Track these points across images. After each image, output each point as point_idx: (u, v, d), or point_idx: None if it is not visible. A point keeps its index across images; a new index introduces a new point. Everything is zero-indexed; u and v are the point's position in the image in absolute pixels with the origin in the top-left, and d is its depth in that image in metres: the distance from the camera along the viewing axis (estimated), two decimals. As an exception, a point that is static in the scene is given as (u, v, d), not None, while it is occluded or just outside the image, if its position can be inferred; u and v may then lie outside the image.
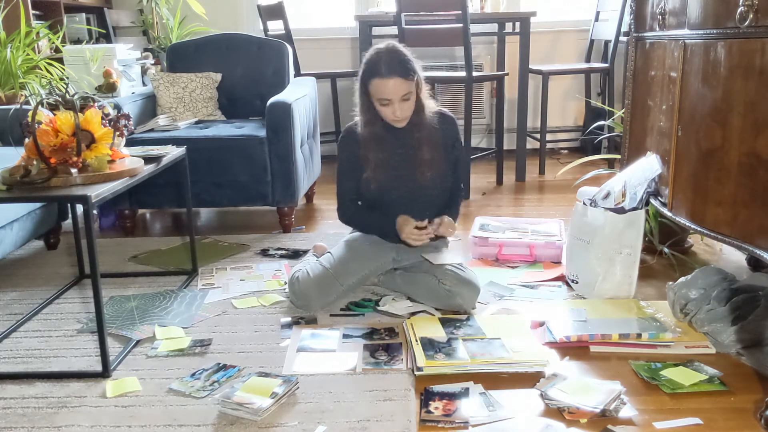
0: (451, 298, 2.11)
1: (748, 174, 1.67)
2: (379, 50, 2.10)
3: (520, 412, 1.59)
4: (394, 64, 2.06)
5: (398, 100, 2.08)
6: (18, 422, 1.60)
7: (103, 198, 1.76)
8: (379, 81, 2.06)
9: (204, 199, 3.03)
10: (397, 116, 2.11)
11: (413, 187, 2.21)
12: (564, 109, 4.81)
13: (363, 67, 2.12)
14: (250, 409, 1.58)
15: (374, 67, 2.07)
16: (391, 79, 2.05)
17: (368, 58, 2.11)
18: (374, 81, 2.07)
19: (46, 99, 2.09)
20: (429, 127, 2.20)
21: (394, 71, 2.05)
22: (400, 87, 2.06)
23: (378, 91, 2.08)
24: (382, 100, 2.09)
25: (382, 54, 2.08)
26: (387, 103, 2.09)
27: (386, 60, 2.06)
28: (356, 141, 2.22)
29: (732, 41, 1.70)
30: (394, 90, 2.06)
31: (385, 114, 2.13)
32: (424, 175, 2.20)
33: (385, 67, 2.05)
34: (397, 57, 2.08)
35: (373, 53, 2.10)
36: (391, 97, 2.07)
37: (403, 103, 2.09)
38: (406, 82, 2.07)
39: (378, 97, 2.10)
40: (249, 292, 2.37)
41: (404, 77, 2.06)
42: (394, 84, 2.05)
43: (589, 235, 2.22)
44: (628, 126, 2.54)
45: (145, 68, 4.03)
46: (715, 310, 1.88)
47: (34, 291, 2.44)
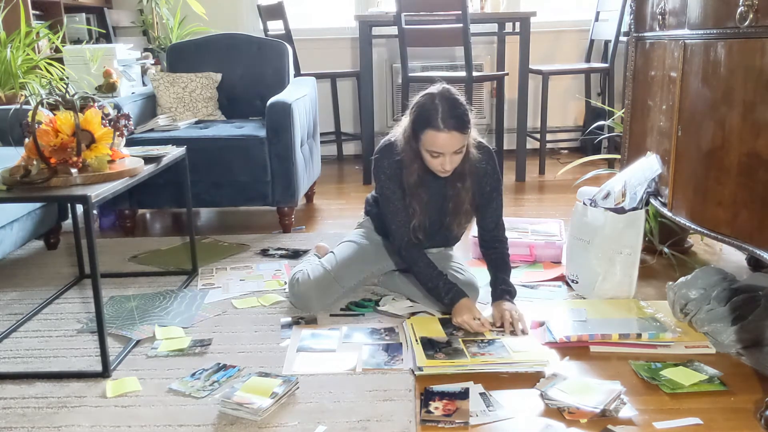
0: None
1: (748, 174, 1.67)
2: (434, 95, 1.92)
3: (520, 412, 1.59)
4: (452, 117, 1.89)
5: (450, 153, 1.94)
6: (18, 422, 1.60)
7: (103, 198, 1.76)
8: (435, 134, 1.89)
9: (204, 199, 3.03)
10: (447, 169, 1.97)
11: (446, 230, 2.16)
12: (564, 109, 4.81)
13: (416, 113, 1.94)
14: (250, 409, 1.58)
15: (430, 116, 1.89)
16: (448, 133, 1.89)
17: (423, 105, 1.93)
18: (429, 132, 1.90)
19: (46, 99, 2.09)
20: (472, 175, 2.06)
21: (451, 125, 1.88)
22: (456, 141, 1.91)
23: (431, 144, 1.92)
24: (433, 152, 1.94)
25: (439, 103, 1.90)
26: (437, 156, 1.94)
27: (444, 111, 1.89)
28: (398, 168, 2.06)
29: (732, 41, 1.70)
30: (450, 144, 1.91)
31: (432, 165, 1.98)
32: (461, 226, 2.14)
33: (443, 121, 1.88)
34: (455, 108, 1.90)
35: (428, 99, 1.93)
36: (445, 151, 1.92)
37: (454, 156, 1.95)
38: (462, 137, 1.92)
39: (429, 149, 1.94)
40: (249, 292, 2.37)
41: (461, 131, 1.91)
42: (450, 138, 1.89)
43: (589, 235, 2.22)
44: (628, 126, 2.54)
45: (145, 68, 4.03)
46: (715, 310, 1.88)
47: (34, 291, 2.44)
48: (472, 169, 2.06)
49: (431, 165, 1.98)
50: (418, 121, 1.93)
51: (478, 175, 2.08)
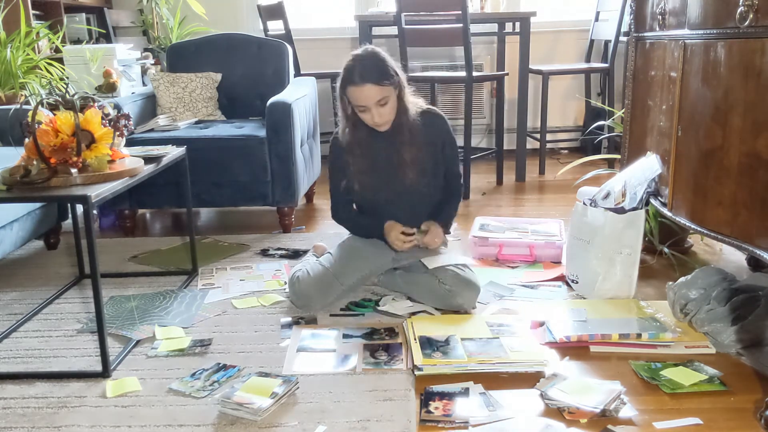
0: (451, 297, 2.10)
1: (748, 174, 1.67)
2: (355, 56, 2.09)
3: (520, 412, 1.59)
4: (367, 71, 2.04)
5: (374, 105, 2.07)
6: (18, 422, 1.60)
7: (103, 198, 1.76)
8: (354, 88, 2.05)
9: (204, 199, 3.03)
10: (376, 121, 2.10)
11: (400, 189, 2.22)
12: (564, 109, 4.81)
13: (341, 75, 2.10)
14: (250, 409, 1.58)
15: (349, 74, 2.06)
16: (364, 86, 2.04)
17: (345, 65, 2.10)
18: (349, 88, 2.07)
19: (46, 99, 2.09)
20: (411, 129, 2.18)
21: (367, 78, 2.03)
22: (375, 93, 2.05)
23: (354, 98, 2.08)
24: (359, 107, 2.09)
25: (357, 60, 2.07)
26: (364, 110, 2.09)
27: (360, 67, 2.05)
28: (341, 147, 2.24)
29: (732, 41, 1.70)
30: (369, 96, 2.05)
31: (365, 119, 2.13)
32: (407, 176, 2.20)
33: (358, 75, 2.04)
34: (371, 63, 2.06)
35: (349, 60, 2.10)
36: (366, 103, 2.06)
37: (380, 108, 2.08)
38: (381, 88, 2.05)
39: (355, 104, 2.10)
40: (249, 292, 2.37)
41: (378, 83, 2.04)
42: (368, 90, 2.04)
43: (589, 235, 2.22)
44: (628, 126, 2.54)
45: (145, 68, 4.03)
46: (715, 310, 1.88)
47: (34, 291, 2.44)
48: (414, 125, 2.18)
49: (364, 120, 2.13)
50: (342, 81, 2.09)
51: (426, 134, 2.21)
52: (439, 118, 2.26)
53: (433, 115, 2.25)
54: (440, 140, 2.25)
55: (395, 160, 2.20)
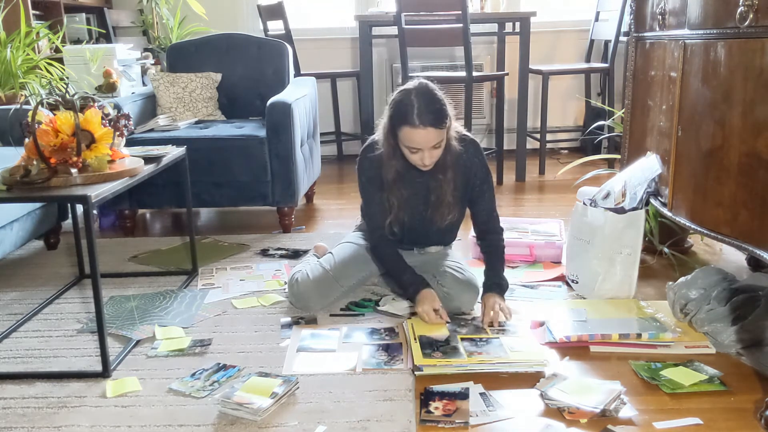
0: (449, 300, 2.10)
1: (748, 174, 1.67)
2: (410, 92, 1.92)
3: (520, 412, 1.59)
4: (428, 113, 1.89)
5: (429, 149, 1.94)
6: (18, 422, 1.60)
7: (103, 198, 1.76)
8: (411, 130, 1.90)
9: (204, 199, 3.03)
10: (426, 163, 1.97)
11: (429, 221, 2.15)
12: (564, 109, 4.81)
13: (392, 109, 1.95)
14: (250, 409, 1.58)
15: (406, 113, 1.90)
16: (424, 129, 1.89)
17: (399, 100, 1.94)
18: (405, 128, 1.91)
19: (46, 99, 2.09)
20: (453, 167, 2.06)
21: (427, 121, 1.89)
22: (434, 137, 1.92)
23: (408, 140, 1.93)
24: (412, 148, 1.95)
25: (414, 98, 1.90)
26: (416, 152, 1.95)
27: (420, 107, 1.89)
28: (378, 167, 2.07)
29: (732, 41, 1.70)
30: (427, 140, 1.92)
31: (412, 160, 1.99)
32: (444, 218, 2.12)
33: (418, 117, 1.88)
34: (431, 103, 1.91)
35: (403, 95, 1.93)
36: (423, 147, 1.93)
37: (433, 150, 1.95)
38: (440, 132, 1.93)
39: (407, 145, 1.95)
40: (249, 292, 2.37)
41: (438, 127, 1.91)
42: (427, 134, 1.90)
43: (589, 235, 2.22)
44: (628, 126, 2.54)
45: (145, 68, 4.03)
46: (715, 310, 1.88)
47: (34, 291, 2.44)
48: (455, 161, 2.06)
49: (411, 160, 2.00)
50: (396, 118, 1.94)
51: (464, 168, 2.09)
52: (476, 147, 2.13)
53: (469, 144, 2.11)
54: (473, 171, 2.11)
55: (434, 201, 2.11)
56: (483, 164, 2.13)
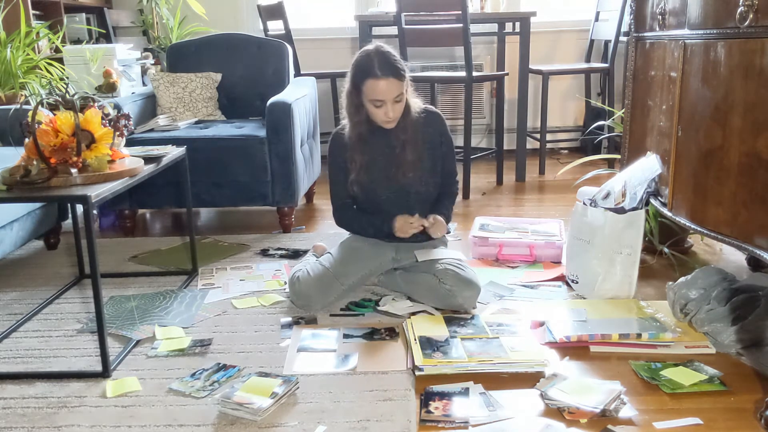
0: (451, 297, 2.10)
1: (748, 174, 1.67)
2: (370, 51, 2.11)
3: (520, 412, 1.59)
4: (387, 65, 2.07)
5: (391, 101, 2.09)
6: (18, 422, 1.60)
7: (103, 198, 1.76)
8: (374, 82, 2.07)
9: (204, 199, 3.03)
10: (389, 117, 2.12)
11: (399, 187, 2.23)
12: (564, 109, 4.81)
13: (354, 69, 2.12)
14: (250, 409, 1.58)
15: (368, 67, 2.08)
16: (386, 79, 2.06)
17: (359, 60, 2.11)
18: (368, 81, 2.08)
19: (46, 99, 2.09)
20: (414, 128, 2.21)
21: (388, 72, 2.06)
22: (394, 87, 2.08)
23: (372, 92, 2.09)
24: (376, 101, 2.10)
25: (374, 55, 2.09)
26: (380, 105, 2.10)
27: (379, 61, 2.07)
28: (344, 144, 2.24)
29: (732, 41, 1.70)
30: (389, 90, 2.07)
31: (376, 115, 2.14)
32: (406, 175, 2.21)
33: (379, 68, 2.06)
34: (389, 58, 2.09)
35: (363, 55, 2.11)
36: (385, 97, 2.08)
37: (395, 104, 2.11)
38: (399, 83, 2.08)
39: (371, 98, 2.10)
40: (249, 292, 2.37)
41: (398, 78, 2.07)
42: (388, 84, 2.07)
43: (589, 235, 2.22)
44: (628, 126, 2.54)
45: (145, 68, 4.03)
46: (715, 310, 1.88)
47: (34, 291, 2.44)
48: (416, 124, 2.21)
49: (376, 116, 2.14)
50: (358, 74, 2.10)
51: (428, 134, 2.24)
52: (438, 116, 2.29)
53: (431, 114, 2.27)
54: (438, 138, 2.27)
55: (397, 159, 2.22)
56: (447, 131, 2.30)
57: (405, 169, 2.21)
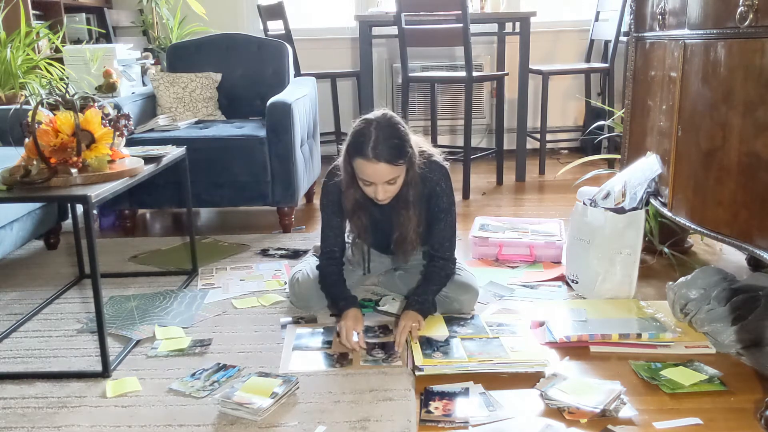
0: (448, 303, 2.09)
1: (748, 174, 1.67)
2: (370, 124, 1.84)
3: (520, 412, 1.59)
4: (383, 147, 1.81)
5: (382, 183, 1.87)
6: (18, 422, 1.60)
7: (103, 198, 1.76)
8: (364, 162, 1.83)
9: (204, 199, 3.03)
10: (379, 198, 1.90)
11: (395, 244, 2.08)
12: (564, 109, 4.81)
13: (350, 138, 1.88)
14: (250, 409, 1.58)
15: (361, 145, 1.82)
16: (377, 164, 1.81)
17: (358, 130, 1.85)
18: (358, 160, 1.84)
19: (46, 99, 2.09)
20: (417, 204, 1.99)
21: (381, 156, 1.80)
22: (386, 173, 1.84)
23: (361, 172, 1.87)
24: (365, 181, 1.89)
25: (372, 130, 1.82)
26: (369, 185, 1.89)
27: (375, 140, 1.80)
28: (339, 192, 2.02)
29: (732, 41, 1.70)
30: (379, 175, 1.84)
31: (367, 192, 1.93)
32: (407, 255, 2.08)
33: (372, 150, 1.80)
34: (388, 139, 1.82)
35: (364, 125, 1.85)
36: (375, 180, 1.86)
37: (387, 185, 1.88)
38: (394, 168, 1.84)
39: (360, 177, 1.89)
40: (249, 292, 2.37)
41: (392, 163, 1.82)
42: (379, 168, 1.82)
43: (589, 235, 2.22)
44: (628, 126, 2.54)
45: (145, 68, 4.03)
46: (715, 310, 1.88)
47: (34, 291, 2.44)
48: (419, 196, 1.98)
49: (366, 192, 1.93)
50: (351, 148, 1.86)
51: (426, 196, 2.01)
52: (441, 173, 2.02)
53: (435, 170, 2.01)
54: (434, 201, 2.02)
55: (395, 234, 2.04)
56: (446, 192, 2.02)
57: (406, 248, 2.05)
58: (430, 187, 2.01)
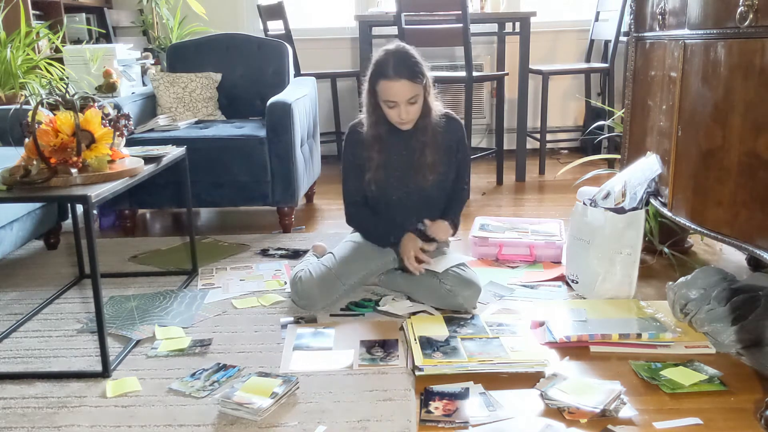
0: (451, 297, 2.10)
1: (748, 174, 1.67)
2: (388, 51, 2.08)
3: (520, 412, 1.59)
4: (402, 67, 2.04)
5: (405, 102, 2.07)
6: (18, 422, 1.60)
7: (103, 198, 1.76)
8: (387, 83, 2.05)
9: (204, 199, 3.03)
10: (403, 119, 2.10)
11: (414, 188, 2.22)
12: (564, 109, 4.81)
13: (371, 68, 2.10)
14: (250, 409, 1.58)
15: (382, 68, 2.06)
16: (398, 81, 2.03)
17: (377, 59, 2.09)
18: (381, 82, 2.06)
19: (46, 99, 2.09)
20: (434, 131, 2.18)
21: (401, 74, 2.03)
22: (408, 90, 2.05)
23: (385, 93, 2.07)
24: (389, 102, 2.08)
25: (390, 55, 2.06)
26: (393, 106, 2.08)
27: (395, 62, 2.05)
28: (360, 141, 2.21)
29: (732, 41, 1.70)
30: (402, 92, 2.05)
31: (391, 116, 2.12)
32: (426, 178, 2.20)
33: (393, 70, 2.03)
34: (406, 59, 2.06)
35: (381, 54, 2.09)
36: (398, 99, 2.06)
37: (409, 106, 2.08)
38: (414, 85, 2.06)
39: (384, 99, 2.09)
40: (249, 292, 2.37)
41: (412, 80, 2.05)
42: (401, 86, 2.04)
43: (589, 235, 2.22)
44: (628, 126, 2.54)
45: (145, 68, 4.03)
46: (715, 310, 1.88)
47: (34, 291, 2.44)
48: (436, 126, 2.18)
49: (390, 117, 2.12)
50: (374, 75, 2.08)
51: (447, 137, 2.21)
52: (458, 123, 2.27)
53: (452, 120, 2.25)
54: (456, 145, 2.25)
55: (414, 161, 2.20)
56: (464, 138, 2.28)
57: (423, 172, 2.20)
58: (457, 137, 2.25)
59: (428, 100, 2.14)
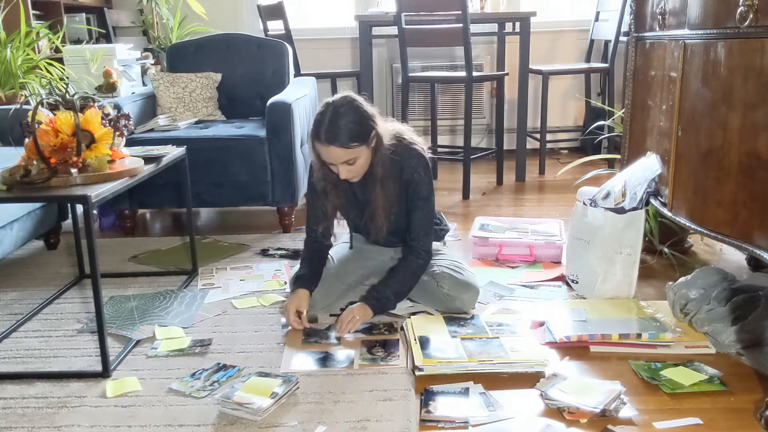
0: (449, 301, 2.10)
1: (748, 174, 1.67)
2: (327, 107, 1.90)
3: (520, 412, 1.59)
4: (334, 131, 1.86)
5: (342, 164, 1.92)
6: (18, 422, 1.60)
7: (103, 198, 1.76)
8: (319, 145, 1.90)
9: (204, 199, 3.03)
10: (342, 177, 1.96)
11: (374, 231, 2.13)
12: (564, 109, 4.81)
13: (311, 124, 1.94)
14: (250, 409, 1.58)
15: (317, 129, 1.89)
16: (329, 147, 1.88)
17: (316, 115, 1.92)
18: (315, 143, 1.92)
19: (46, 99, 2.09)
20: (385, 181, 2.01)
21: (332, 140, 1.86)
22: (341, 155, 1.89)
23: (321, 154, 1.93)
24: (327, 162, 1.95)
25: (327, 114, 1.88)
26: (332, 165, 1.95)
27: (328, 124, 1.86)
28: (315, 191, 2.11)
29: (732, 41, 1.70)
30: (335, 157, 1.90)
31: (334, 171, 1.98)
32: (379, 230, 2.09)
33: (324, 134, 1.87)
34: (341, 121, 1.86)
35: (321, 109, 1.91)
36: (334, 162, 1.92)
37: (348, 166, 1.93)
38: (348, 150, 1.88)
39: (322, 159, 1.96)
40: (249, 292, 2.37)
41: (345, 146, 1.87)
42: (333, 152, 1.88)
43: (589, 235, 2.22)
44: (628, 126, 2.54)
45: (145, 68, 4.03)
46: (715, 310, 1.88)
47: (34, 291, 2.44)
48: (389, 173, 2.00)
49: (334, 171, 1.97)
50: (311, 133, 1.93)
51: (404, 181, 2.04)
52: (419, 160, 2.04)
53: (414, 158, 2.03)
54: (412, 188, 2.05)
55: (365, 211, 2.10)
56: (425, 180, 2.04)
57: (377, 223, 2.07)
58: (408, 174, 2.03)
59: (378, 149, 1.96)
